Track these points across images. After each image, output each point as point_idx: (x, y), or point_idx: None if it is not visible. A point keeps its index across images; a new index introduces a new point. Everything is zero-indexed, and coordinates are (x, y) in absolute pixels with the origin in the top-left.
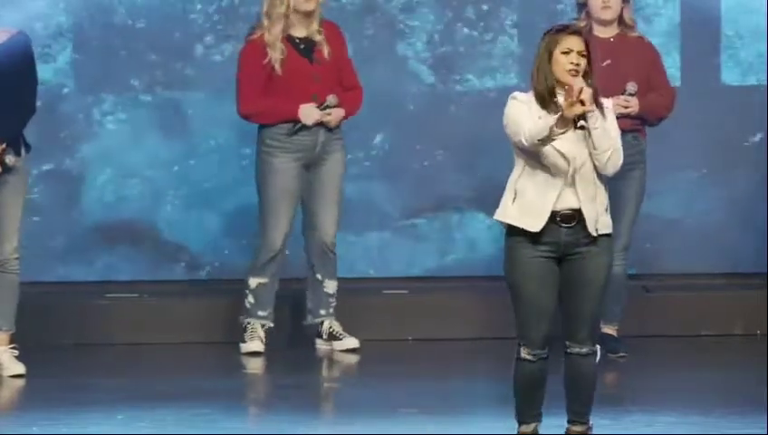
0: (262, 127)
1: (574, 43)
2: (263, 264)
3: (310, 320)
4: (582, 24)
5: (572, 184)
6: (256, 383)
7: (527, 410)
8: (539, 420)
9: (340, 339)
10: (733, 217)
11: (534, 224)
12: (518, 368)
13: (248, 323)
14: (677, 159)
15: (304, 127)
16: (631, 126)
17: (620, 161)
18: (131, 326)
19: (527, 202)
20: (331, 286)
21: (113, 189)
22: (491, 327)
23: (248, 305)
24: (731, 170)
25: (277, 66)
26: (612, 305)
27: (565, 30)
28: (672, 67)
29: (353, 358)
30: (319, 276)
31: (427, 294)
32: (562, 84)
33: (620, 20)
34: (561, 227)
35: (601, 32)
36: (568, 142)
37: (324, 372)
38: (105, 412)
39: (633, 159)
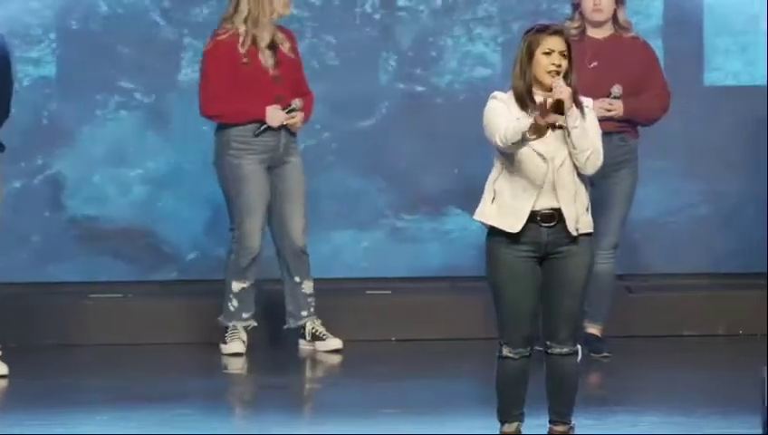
0: (223, 128)
1: (556, 43)
2: (244, 268)
3: (292, 323)
4: (576, 24)
5: (552, 184)
6: (239, 384)
7: (509, 410)
8: (521, 420)
9: (324, 339)
10: (715, 218)
11: (514, 225)
12: (500, 367)
13: (230, 326)
14: (660, 160)
15: (269, 128)
16: (617, 128)
17: (600, 161)
18: (115, 327)
19: (506, 202)
20: (308, 287)
21: (96, 190)
22: (474, 327)
23: (232, 309)
24: (713, 171)
25: (272, 70)
26: (598, 305)
27: (546, 30)
28: None
29: (336, 358)
30: (297, 279)
31: (410, 295)
32: (541, 84)
33: (615, 20)
34: (541, 226)
35: (595, 33)
36: (546, 142)
37: (307, 373)
38: (89, 413)
39: (622, 158)
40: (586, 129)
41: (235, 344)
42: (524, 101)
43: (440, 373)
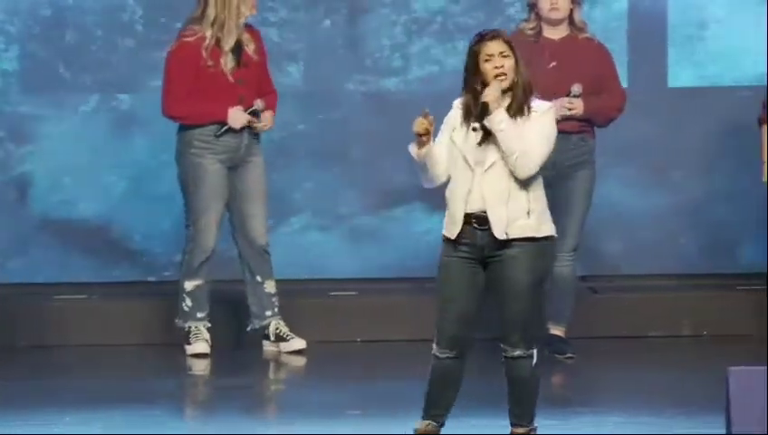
0: (186, 128)
1: (494, 47)
2: (197, 266)
3: (256, 324)
4: (532, 25)
5: (480, 187)
6: (205, 385)
7: (429, 408)
8: (438, 423)
9: (287, 340)
10: (680, 219)
11: (453, 231)
12: (432, 364)
13: (191, 327)
14: (624, 160)
15: (231, 130)
16: (578, 128)
17: (532, 166)
18: (82, 328)
19: (450, 210)
20: (271, 286)
21: (63, 190)
22: None
23: (186, 309)
24: (679, 172)
25: (229, 76)
26: (560, 306)
27: (484, 37)
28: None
29: (301, 359)
30: (259, 278)
31: (375, 296)
32: None
33: (571, 21)
34: (476, 229)
35: (551, 33)
36: (473, 148)
37: (272, 374)
38: (55, 414)
39: (580, 159)
40: (515, 132)
41: (200, 345)
42: (469, 110)
43: (406, 374)
